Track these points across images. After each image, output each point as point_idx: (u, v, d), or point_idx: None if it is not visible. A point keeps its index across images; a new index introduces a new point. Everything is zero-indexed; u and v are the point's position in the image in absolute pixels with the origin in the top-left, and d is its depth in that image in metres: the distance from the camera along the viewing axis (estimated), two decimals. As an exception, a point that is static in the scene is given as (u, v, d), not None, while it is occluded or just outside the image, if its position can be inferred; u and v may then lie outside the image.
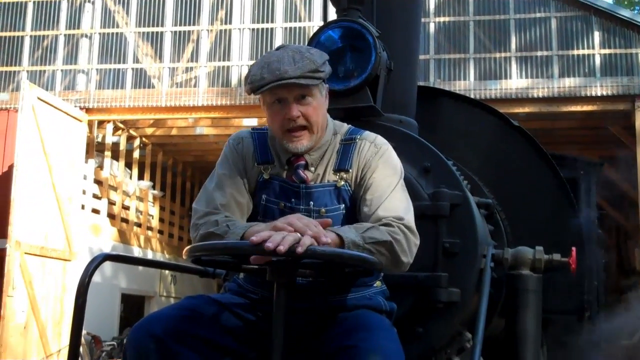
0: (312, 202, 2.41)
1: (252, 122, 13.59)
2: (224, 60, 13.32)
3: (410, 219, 2.33)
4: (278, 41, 13.08)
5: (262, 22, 13.26)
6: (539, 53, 12.44)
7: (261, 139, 2.54)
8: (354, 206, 2.42)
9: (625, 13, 12.66)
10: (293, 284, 2.02)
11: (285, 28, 13.13)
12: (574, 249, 3.40)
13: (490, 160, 3.96)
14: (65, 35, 13.76)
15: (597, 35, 12.30)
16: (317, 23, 12.92)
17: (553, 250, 3.38)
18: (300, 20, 13.19)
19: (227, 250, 2.09)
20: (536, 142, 3.98)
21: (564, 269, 3.42)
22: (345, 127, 2.57)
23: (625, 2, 29.14)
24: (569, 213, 3.91)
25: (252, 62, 13.16)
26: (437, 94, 4.21)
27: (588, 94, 12.10)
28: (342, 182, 2.44)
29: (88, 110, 13.35)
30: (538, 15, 12.57)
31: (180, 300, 2.42)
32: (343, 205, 2.43)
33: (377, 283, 2.51)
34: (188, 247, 2.07)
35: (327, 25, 3.29)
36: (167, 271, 16.87)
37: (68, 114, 12.63)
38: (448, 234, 3.11)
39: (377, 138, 2.52)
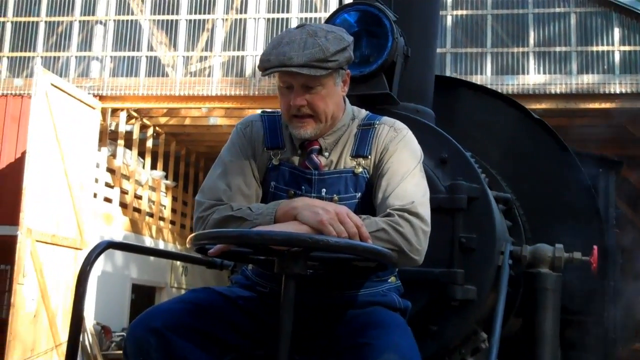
0: (324, 190, 2.29)
1: (266, 113, 13.46)
2: (238, 50, 13.21)
3: (418, 204, 2.17)
4: (293, 32, 12.95)
5: (278, 12, 13.14)
6: (557, 49, 12.26)
7: (271, 123, 2.42)
8: (370, 193, 2.29)
9: (647, 9, 12.44)
10: (303, 276, 1.90)
11: (301, 18, 13.00)
12: (595, 247, 3.28)
13: (510, 153, 3.83)
14: (80, 21, 13.70)
15: (616, 32, 12.10)
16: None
17: (573, 248, 3.27)
18: (316, 11, 13.05)
19: (259, 240, 1.91)
20: (559, 137, 3.84)
21: (585, 268, 3.30)
22: (363, 112, 2.46)
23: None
24: (590, 212, 3.78)
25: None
26: (455, 84, 4.09)
27: (607, 91, 11.92)
28: (360, 169, 2.31)
29: (101, 98, 13.28)
30: (557, 10, 12.38)
31: (183, 294, 2.30)
32: (359, 194, 2.30)
33: (392, 279, 2.38)
34: (207, 231, 1.93)
35: (343, 8, 3.18)
36: (178, 262, 16.81)
37: (81, 101, 12.56)
38: (465, 229, 2.99)
39: (396, 122, 2.40)
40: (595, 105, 12.14)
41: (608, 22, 12.15)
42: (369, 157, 2.32)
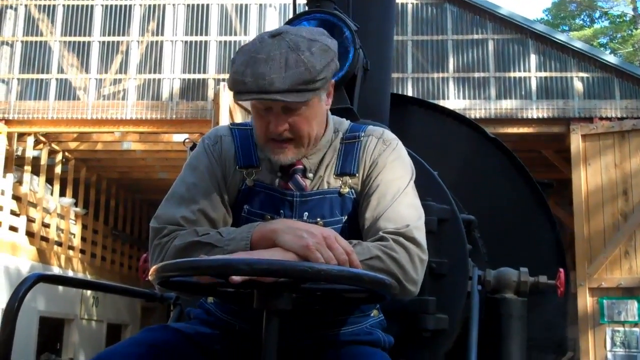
0: (306, 213, 2.00)
1: (184, 137, 13.07)
2: (154, 72, 12.78)
3: (414, 228, 1.92)
4: (212, 55, 12.61)
5: (196, 34, 12.81)
6: (476, 74, 12.38)
7: (244, 139, 2.09)
8: (357, 216, 2.02)
9: (561, 37, 12.76)
10: (287, 312, 1.62)
11: (220, 42, 12.71)
12: (561, 270, 3.12)
13: (465, 174, 3.64)
14: (-16, 42, 13.01)
15: (533, 58, 12.35)
16: (252, 37, 12.53)
17: (534, 272, 3.10)
18: (235, 34, 12.79)
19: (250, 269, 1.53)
20: (514, 156, 3.69)
21: (551, 292, 3.14)
22: (345, 123, 2.17)
23: (559, 20, 29.73)
24: (550, 233, 3.63)
25: (184, 76, 12.78)
26: (406, 102, 3.88)
27: (524, 116, 12.10)
28: (347, 189, 2.03)
29: (8, 122, 12.61)
30: (475, 37, 12.54)
31: (137, 334, 1.95)
32: (345, 217, 2.02)
33: (374, 312, 2.11)
34: (181, 261, 1.60)
35: (299, 16, 2.92)
36: (88, 292, 16.03)
37: (-14, 125, 11.88)
38: (435, 253, 2.75)
39: (384, 132, 2.12)
40: (514, 130, 12.31)
41: (525, 48, 12.38)
42: (357, 175, 2.04)
